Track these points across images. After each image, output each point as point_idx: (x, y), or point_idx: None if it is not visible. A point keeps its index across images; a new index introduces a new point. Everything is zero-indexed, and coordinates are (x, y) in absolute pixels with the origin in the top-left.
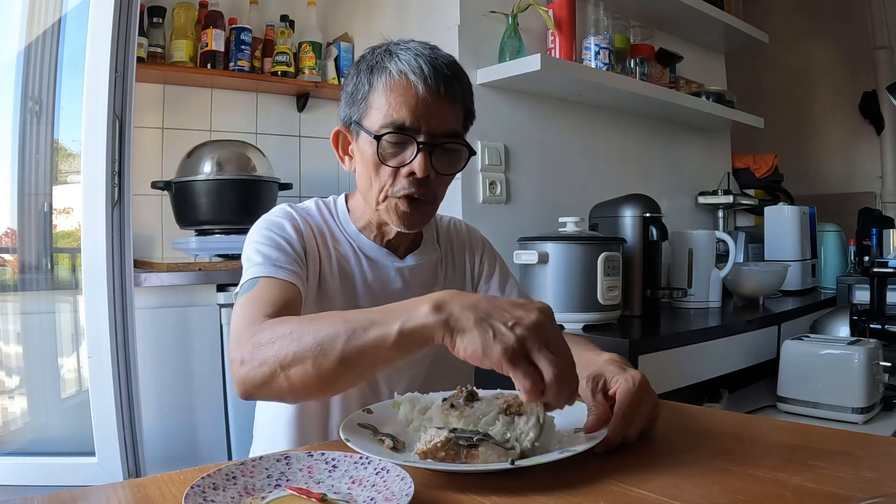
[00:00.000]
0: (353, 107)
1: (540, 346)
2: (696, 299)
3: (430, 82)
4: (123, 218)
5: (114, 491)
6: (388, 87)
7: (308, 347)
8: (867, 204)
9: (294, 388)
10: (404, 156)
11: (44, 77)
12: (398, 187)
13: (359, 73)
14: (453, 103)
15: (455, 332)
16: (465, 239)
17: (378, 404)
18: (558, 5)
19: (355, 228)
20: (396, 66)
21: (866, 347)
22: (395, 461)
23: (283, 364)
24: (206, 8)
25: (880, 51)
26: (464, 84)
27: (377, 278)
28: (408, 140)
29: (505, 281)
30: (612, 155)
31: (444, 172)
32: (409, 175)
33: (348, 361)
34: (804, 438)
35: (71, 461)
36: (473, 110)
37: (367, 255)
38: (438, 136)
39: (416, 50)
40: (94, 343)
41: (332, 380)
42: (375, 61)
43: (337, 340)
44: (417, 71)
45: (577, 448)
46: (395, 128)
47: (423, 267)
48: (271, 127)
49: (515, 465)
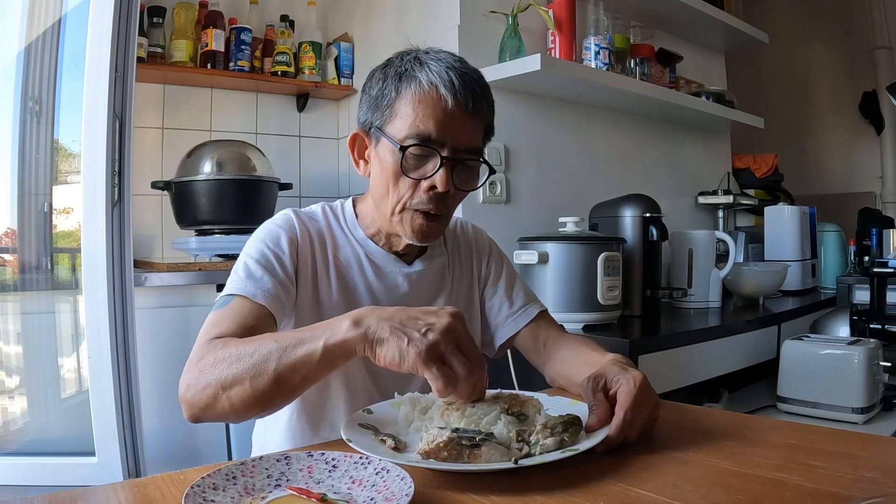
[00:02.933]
0: (376, 112)
1: (452, 348)
2: (696, 299)
3: (460, 97)
4: (123, 218)
5: (114, 491)
6: (417, 97)
7: (245, 369)
8: (867, 204)
9: (235, 408)
10: (426, 168)
11: (44, 77)
12: (417, 200)
13: (385, 79)
14: (478, 120)
15: (374, 343)
16: (472, 241)
17: (378, 404)
18: (558, 5)
19: (363, 234)
20: (427, 77)
21: (866, 347)
22: (396, 461)
23: (224, 386)
24: (206, 8)
25: (880, 51)
26: (490, 101)
27: (383, 285)
28: (431, 153)
29: (512, 283)
30: (612, 155)
31: (463, 189)
32: (429, 189)
33: (280, 379)
34: (804, 438)
35: (71, 461)
36: (493, 127)
37: (374, 262)
38: (461, 152)
39: (448, 62)
40: (94, 343)
41: (269, 397)
42: (405, 68)
43: (269, 360)
44: (448, 84)
45: (579, 447)
46: (420, 140)
47: (430, 271)
48: (271, 127)
49: (519, 464)
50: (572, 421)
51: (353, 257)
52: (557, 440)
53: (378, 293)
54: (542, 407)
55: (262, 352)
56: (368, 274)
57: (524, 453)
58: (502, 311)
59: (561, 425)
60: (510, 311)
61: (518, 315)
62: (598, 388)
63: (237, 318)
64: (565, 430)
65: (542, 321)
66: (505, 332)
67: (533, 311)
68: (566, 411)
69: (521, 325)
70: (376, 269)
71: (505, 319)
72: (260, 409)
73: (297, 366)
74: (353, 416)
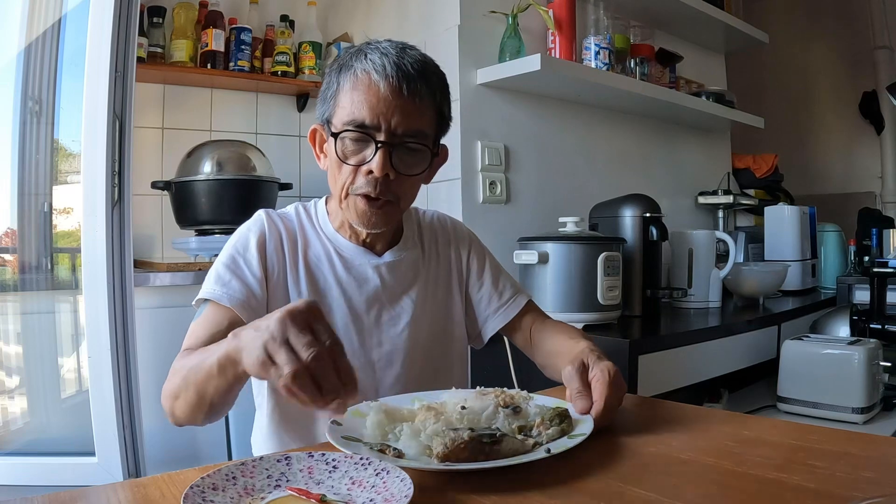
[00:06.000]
0: (324, 105)
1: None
2: (696, 299)
3: (392, 80)
4: (123, 218)
5: (114, 491)
6: (352, 86)
7: (180, 382)
8: (867, 204)
9: (186, 416)
10: (364, 154)
11: (44, 77)
12: (357, 185)
13: (331, 73)
14: (418, 103)
15: (242, 353)
16: (451, 234)
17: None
18: (558, 5)
19: (332, 229)
20: (361, 65)
21: (866, 347)
22: (415, 466)
23: (173, 396)
24: (206, 8)
25: (880, 51)
26: (432, 84)
27: (353, 278)
28: (367, 138)
29: (497, 275)
30: (612, 155)
31: (406, 173)
32: (368, 174)
33: (200, 391)
34: (804, 438)
35: (71, 461)
36: (448, 114)
37: (343, 255)
38: (399, 136)
39: (385, 49)
40: (94, 343)
41: (199, 408)
42: (345, 61)
43: (191, 374)
44: (380, 69)
45: (585, 432)
46: (354, 126)
47: (402, 263)
48: (271, 127)
49: (552, 452)
50: (564, 412)
51: (323, 253)
52: (559, 430)
53: (347, 287)
54: (531, 398)
55: (189, 366)
56: (338, 268)
57: (546, 442)
58: (491, 304)
59: (557, 417)
60: (499, 303)
61: (507, 307)
62: (582, 377)
63: (207, 326)
64: (563, 421)
65: (529, 310)
66: (494, 325)
67: (521, 302)
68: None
69: (511, 316)
70: (345, 262)
71: (494, 312)
72: (203, 418)
73: (206, 379)
74: (329, 430)
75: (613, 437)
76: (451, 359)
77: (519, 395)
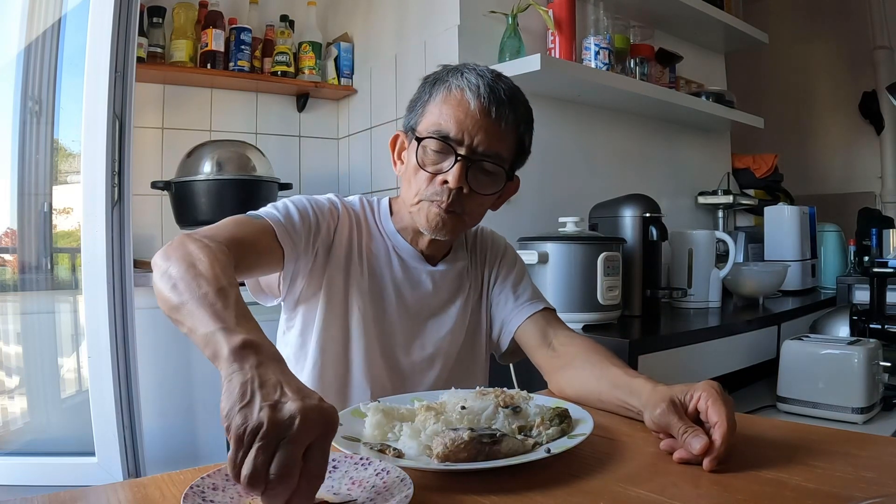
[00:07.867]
0: (411, 113)
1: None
2: (696, 299)
3: (483, 101)
4: (123, 218)
5: (114, 491)
6: (443, 99)
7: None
8: (867, 204)
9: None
10: (443, 165)
11: (44, 77)
12: (431, 192)
13: (424, 85)
14: (502, 127)
15: (225, 378)
16: (489, 246)
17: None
18: (558, 5)
19: (394, 228)
20: (457, 82)
21: (866, 347)
22: (416, 467)
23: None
24: (206, 8)
25: (880, 51)
26: (519, 113)
27: (407, 279)
28: (448, 150)
29: (519, 281)
30: (612, 155)
31: (478, 190)
32: (443, 183)
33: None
34: (804, 438)
35: (71, 461)
36: (528, 146)
37: (401, 256)
38: (479, 154)
39: (481, 72)
40: (94, 343)
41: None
42: (440, 75)
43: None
44: (474, 88)
45: (585, 431)
46: (439, 136)
47: (452, 272)
48: (271, 127)
49: (552, 452)
50: (564, 412)
51: (382, 249)
52: (559, 430)
53: (402, 286)
54: (531, 397)
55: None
56: (395, 267)
57: (546, 442)
58: (507, 305)
59: (557, 417)
60: (515, 303)
61: (523, 306)
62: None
63: (238, 227)
64: (562, 421)
65: (549, 318)
66: (512, 325)
67: (539, 305)
68: (546, 404)
69: (527, 315)
70: (402, 263)
71: (510, 312)
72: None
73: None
74: None
75: (613, 437)
76: (477, 366)
77: (519, 394)
